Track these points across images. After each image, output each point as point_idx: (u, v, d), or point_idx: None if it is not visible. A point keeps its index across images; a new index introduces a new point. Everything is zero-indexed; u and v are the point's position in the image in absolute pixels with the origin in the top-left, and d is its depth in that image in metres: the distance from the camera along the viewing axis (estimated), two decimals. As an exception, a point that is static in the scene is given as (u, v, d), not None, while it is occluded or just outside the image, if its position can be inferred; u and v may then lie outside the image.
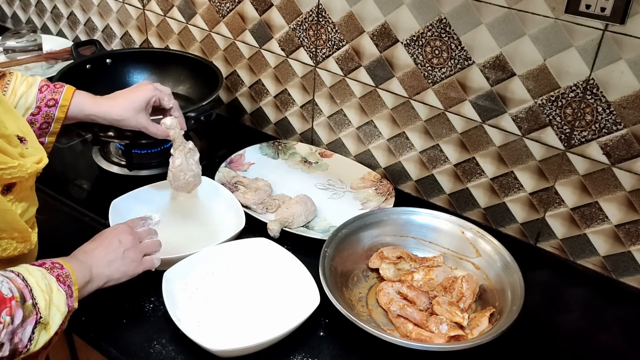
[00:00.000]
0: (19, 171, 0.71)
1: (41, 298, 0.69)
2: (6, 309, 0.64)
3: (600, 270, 1.08)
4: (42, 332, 0.69)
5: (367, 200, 1.22)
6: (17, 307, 0.65)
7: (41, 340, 0.69)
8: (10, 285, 0.66)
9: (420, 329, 0.91)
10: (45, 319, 0.70)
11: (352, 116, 1.28)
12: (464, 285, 0.97)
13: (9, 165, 0.70)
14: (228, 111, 1.53)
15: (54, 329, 0.70)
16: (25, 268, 0.72)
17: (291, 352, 0.89)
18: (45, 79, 0.98)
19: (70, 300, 0.74)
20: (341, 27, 1.20)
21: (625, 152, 0.96)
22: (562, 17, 0.93)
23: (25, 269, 0.71)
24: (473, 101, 1.09)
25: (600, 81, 0.94)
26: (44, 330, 0.69)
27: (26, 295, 0.67)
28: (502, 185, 1.13)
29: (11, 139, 0.72)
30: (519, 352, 0.92)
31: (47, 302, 0.70)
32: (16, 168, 0.71)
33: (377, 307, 0.98)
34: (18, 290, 0.67)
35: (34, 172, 0.74)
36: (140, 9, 1.58)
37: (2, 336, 0.63)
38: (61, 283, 0.74)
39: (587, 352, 0.93)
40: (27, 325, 0.67)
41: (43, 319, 0.69)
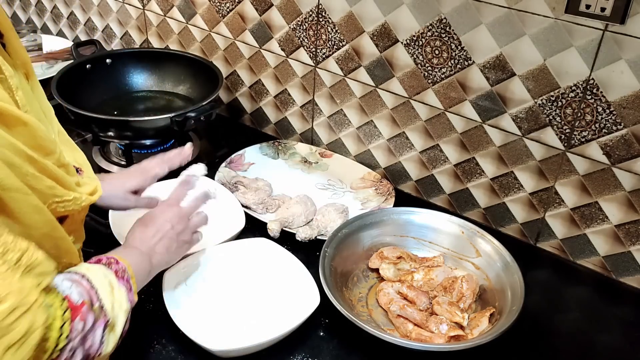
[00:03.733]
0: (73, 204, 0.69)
1: (107, 299, 0.67)
2: (79, 315, 0.62)
3: (600, 270, 1.08)
4: (111, 334, 0.67)
5: (367, 200, 1.22)
6: (88, 311, 0.64)
7: (111, 342, 0.67)
8: (79, 290, 0.64)
9: (420, 329, 0.91)
10: (112, 320, 0.68)
11: (352, 116, 1.28)
12: (464, 285, 0.97)
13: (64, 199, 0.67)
14: (228, 111, 1.53)
15: (119, 328, 0.69)
16: (87, 268, 0.70)
17: (291, 352, 0.89)
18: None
19: (130, 294, 0.73)
20: (341, 27, 1.20)
21: (625, 152, 0.96)
22: (562, 17, 0.93)
23: (87, 269, 0.69)
24: (473, 101, 1.09)
25: (600, 81, 0.94)
26: (112, 332, 0.68)
27: (93, 298, 0.66)
28: (502, 185, 1.13)
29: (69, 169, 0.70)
30: (519, 352, 0.92)
31: (112, 302, 0.68)
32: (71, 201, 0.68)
33: (377, 307, 0.98)
34: (87, 293, 0.65)
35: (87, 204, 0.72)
36: (140, 9, 1.58)
37: (76, 342, 0.61)
38: (120, 278, 0.72)
39: (587, 352, 0.93)
40: (97, 328, 0.65)
41: (111, 320, 0.67)
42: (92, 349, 0.64)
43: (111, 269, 0.72)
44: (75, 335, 0.61)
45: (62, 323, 0.59)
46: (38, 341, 0.56)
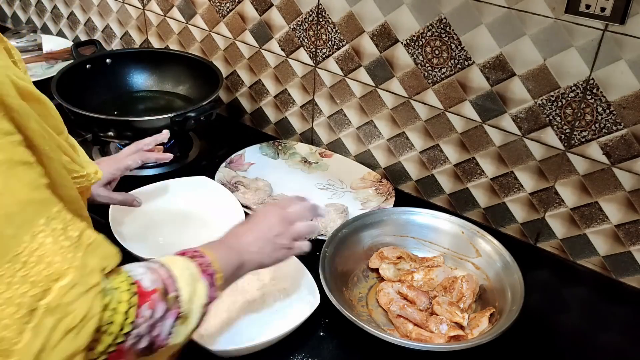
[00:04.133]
0: (85, 180, 0.67)
1: (185, 290, 0.64)
2: (147, 302, 0.59)
3: (600, 270, 1.08)
4: (182, 326, 0.64)
5: (367, 200, 1.22)
6: (159, 300, 0.61)
7: (181, 334, 0.64)
8: (153, 277, 0.62)
9: (420, 329, 0.91)
10: (186, 313, 0.65)
11: (352, 116, 1.28)
12: (464, 285, 0.97)
13: (80, 174, 0.66)
14: (228, 111, 1.53)
15: (194, 322, 0.66)
16: (168, 258, 0.68)
17: (291, 352, 0.89)
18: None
19: (212, 290, 0.69)
20: (341, 27, 1.20)
21: (625, 152, 0.96)
22: (562, 17, 0.93)
23: (168, 259, 0.67)
24: (473, 101, 1.09)
25: (600, 81, 0.94)
26: (184, 324, 0.65)
27: (169, 287, 0.62)
28: (502, 185, 1.13)
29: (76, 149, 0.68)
30: (519, 352, 0.92)
31: (190, 293, 0.65)
32: (84, 177, 0.67)
33: (377, 307, 0.98)
34: (162, 281, 0.62)
35: (95, 181, 0.71)
36: (140, 9, 1.58)
37: (143, 329, 0.58)
38: (203, 272, 0.69)
39: (587, 352, 0.93)
40: (168, 318, 0.62)
41: (183, 312, 0.64)
42: (158, 339, 0.61)
43: (195, 261, 0.69)
44: (142, 322, 0.58)
45: (128, 307, 0.57)
46: (97, 327, 0.53)
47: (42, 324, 0.49)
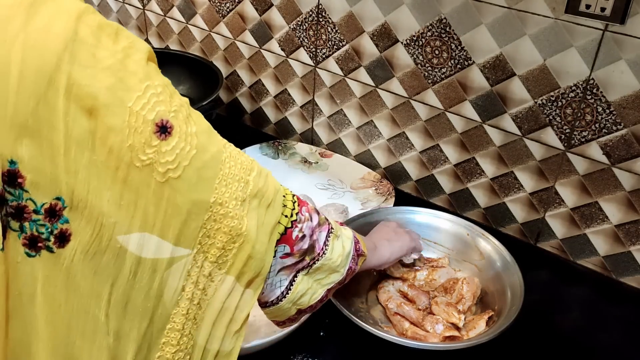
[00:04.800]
0: None
1: (330, 219, 0.73)
2: (305, 206, 0.68)
3: (600, 270, 1.08)
4: (335, 242, 0.71)
5: (367, 200, 1.22)
6: (313, 211, 0.69)
7: (336, 249, 0.71)
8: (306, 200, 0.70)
9: (415, 328, 0.91)
10: (337, 232, 0.72)
11: (352, 116, 1.28)
12: (464, 287, 0.96)
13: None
14: (228, 111, 1.53)
15: (347, 246, 0.73)
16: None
17: (291, 352, 0.89)
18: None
19: (355, 239, 0.76)
20: (341, 27, 1.20)
21: (625, 152, 0.96)
22: (562, 17, 0.93)
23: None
24: (473, 101, 1.09)
25: (600, 81, 0.94)
26: (336, 241, 0.71)
27: (317, 210, 0.71)
28: (502, 185, 1.13)
29: None
30: (518, 352, 0.92)
31: (336, 225, 0.73)
32: None
33: (376, 304, 0.98)
34: (311, 204, 0.71)
35: None
36: (140, 9, 1.58)
37: (305, 228, 0.66)
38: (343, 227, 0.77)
39: (587, 352, 0.93)
40: (323, 230, 0.69)
41: (334, 230, 0.72)
42: (317, 245, 0.68)
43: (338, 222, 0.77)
44: (304, 220, 0.66)
45: (292, 200, 0.66)
46: (282, 202, 0.64)
47: (251, 208, 0.60)
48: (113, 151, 0.51)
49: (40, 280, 0.52)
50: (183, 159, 0.55)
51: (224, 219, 0.58)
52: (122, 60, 0.52)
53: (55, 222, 0.51)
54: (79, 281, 0.53)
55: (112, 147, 0.51)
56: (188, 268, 0.58)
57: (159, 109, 0.53)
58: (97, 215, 0.52)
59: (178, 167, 0.54)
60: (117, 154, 0.51)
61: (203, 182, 0.56)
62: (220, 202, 0.57)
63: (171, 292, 0.57)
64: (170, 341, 0.59)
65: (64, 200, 0.51)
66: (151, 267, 0.56)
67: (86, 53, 0.50)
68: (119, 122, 0.51)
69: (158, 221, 0.55)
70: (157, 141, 0.53)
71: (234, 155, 0.61)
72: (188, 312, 0.59)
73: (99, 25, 0.51)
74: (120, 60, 0.52)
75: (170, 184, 0.54)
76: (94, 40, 0.50)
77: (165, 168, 0.54)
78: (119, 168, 0.52)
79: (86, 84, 0.49)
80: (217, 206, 0.57)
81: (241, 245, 0.60)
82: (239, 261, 0.60)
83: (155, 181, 0.53)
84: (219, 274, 0.60)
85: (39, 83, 0.48)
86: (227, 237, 0.59)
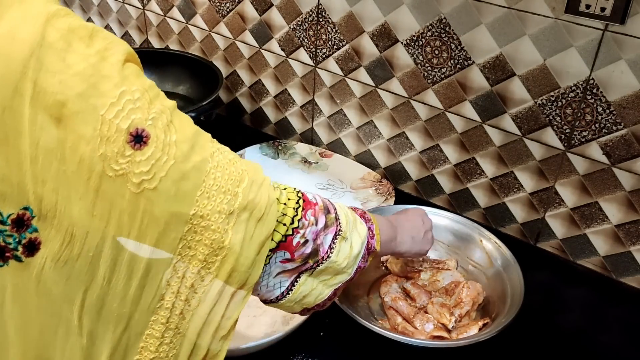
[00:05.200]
0: None
1: (343, 216, 0.70)
2: (311, 209, 0.65)
3: (600, 270, 1.08)
4: (343, 244, 0.69)
5: (367, 200, 1.22)
6: (321, 212, 0.66)
7: (342, 252, 0.69)
8: (315, 195, 0.68)
9: (406, 323, 0.91)
10: (345, 233, 0.69)
11: (352, 116, 1.28)
12: (464, 291, 0.96)
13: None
14: (228, 111, 1.53)
15: (356, 247, 0.71)
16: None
17: (291, 352, 0.89)
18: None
19: (370, 235, 0.74)
20: (341, 27, 1.20)
21: (625, 152, 0.96)
22: (562, 17, 0.93)
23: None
24: (473, 101, 1.09)
25: (600, 81, 0.94)
26: (344, 243, 0.69)
27: (329, 208, 0.68)
28: (502, 185, 1.13)
29: None
30: (518, 352, 0.92)
31: (348, 221, 0.70)
32: None
33: (376, 298, 0.99)
34: (322, 201, 0.68)
35: None
36: (140, 9, 1.58)
37: (308, 233, 0.64)
38: (363, 219, 0.74)
39: (587, 352, 0.93)
40: (328, 233, 0.67)
41: (343, 232, 0.69)
42: (322, 249, 0.66)
43: (357, 211, 0.75)
44: (307, 225, 0.64)
45: (296, 206, 0.64)
46: (277, 215, 0.61)
47: (240, 221, 0.58)
48: (84, 160, 0.50)
49: (9, 288, 0.52)
50: (159, 170, 0.52)
51: (205, 231, 0.56)
52: (96, 65, 0.50)
53: (23, 231, 0.50)
54: (50, 287, 0.53)
55: (82, 156, 0.49)
56: (167, 277, 0.56)
57: (134, 116, 0.51)
58: (67, 225, 0.51)
59: (154, 178, 0.52)
60: (88, 163, 0.50)
61: (182, 194, 0.54)
62: (202, 215, 0.55)
63: (148, 300, 0.56)
64: (149, 347, 0.58)
65: (32, 210, 0.50)
66: (126, 272, 0.54)
67: (54, 58, 0.48)
68: (90, 131, 0.49)
69: (134, 230, 0.53)
70: (130, 151, 0.51)
71: (222, 165, 0.58)
72: (168, 321, 0.58)
73: (69, 28, 0.50)
74: (93, 64, 0.50)
75: (145, 195, 0.52)
76: (64, 45, 0.49)
77: (139, 179, 0.52)
78: (90, 178, 0.50)
79: (54, 91, 0.48)
80: (197, 218, 0.55)
81: (224, 258, 0.58)
82: (223, 272, 0.59)
83: (129, 192, 0.52)
84: (202, 286, 0.58)
85: (4, 92, 0.46)
86: (208, 249, 0.57)
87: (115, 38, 0.54)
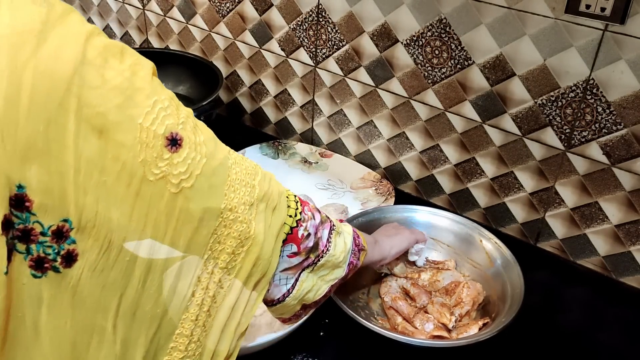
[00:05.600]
0: None
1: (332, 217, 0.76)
2: (307, 206, 0.70)
3: (600, 270, 1.08)
4: (338, 238, 0.74)
5: (367, 200, 1.22)
6: (315, 210, 0.72)
7: (338, 245, 0.74)
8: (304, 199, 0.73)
9: (406, 323, 0.91)
10: (338, 228, 0.75)
11: (352, 116, 1.28)
12: (464, 291, 0.96)
13: None
14: (228, 111, 1.53)
15: (348, 243, 0.76)
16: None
17: (291, 352, 0.89)
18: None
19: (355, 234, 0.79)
20: (341, 27, 1.20)
21: (625, 152, 0.96)
22: (562, 17, 0.93)
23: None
24: (473, 101, 1.09)
25: (600, 81, 0.94)
26: (338, 236, 0.74)
27: (318, 208, 0.73)
28: (502, 185, 1.13)
29: None
30: (518, 352, 0.92)
31: (337, 222, 0.76)
32: None
33: (376, 297, 0.98)
34: (312, 203, 0.73)
35: None
36: (140, 9, 1.58)
37: (309, 226, 0.69)
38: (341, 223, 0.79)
39: (587, 352, 0.93)
40: (325, 228, 0.72)
41: (336, 227, 0.74)
42: (321, 243, 0.71)
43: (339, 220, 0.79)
44: (307, 219, 0.69)
45: (295, 201, 0.68)
46: (286, 204, 0.67)
47: (259, 211, 0.63)
48: (126, 167, 0.52)
49: (45, 300, 0.53)
50: (195, 168, 0.56)
51: (234, 223, 0.60)
52: (129, 78, 0.53)
53: (62, 243, 0.52)
54: (85, 297, 0.54)
55: (124, 163, 0.52)
56: (198, 274, 0.59)
57: (167, 122, 0.55)
58: (106, 233, 0.53)
59: (190, 176, 0.56)
60: (130, 169, 0.52)
61: (213, 189, 0.58)
62: (230, 208, 0.60)
63: (180, 298, 0.59)
64: (179, 346, 0.60)
65: (72, 222, 0.51)
66: (160, 272, 0.57)
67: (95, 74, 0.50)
68: (130, 139, 0.52)
69: (170, 230, 0.56)
70: (168, 154, 0.54)
71: (239, 160, 0.62)
72: (197, 319, 0.60)
73: (105, 46, 0.52)
74: (127, 78, 0.53)
75: (183, 194, 0.56)
76: (102, 61, 0.51)
77: (178, 179, 0.55)
78: (131, 184, 0.53)
79: (96, 104, 0.50)
80: (227, 212, 0.59)
81: (249, 248, 0.62)
82: (248, 263, 0.62)
83: (168, 192, 0.55)
84: (228, 280, 0.62)
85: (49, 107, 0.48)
86: (236, 241, 0.61)
87: (139, 55, 0.57)
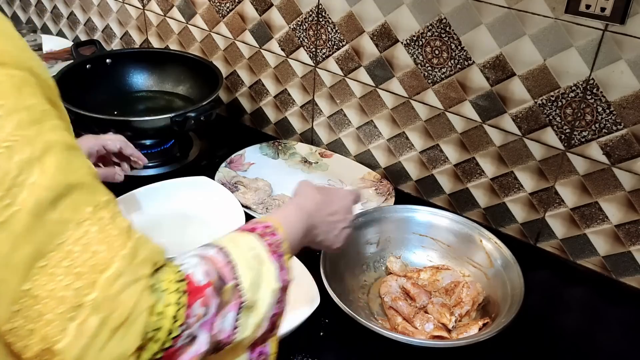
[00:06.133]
0: None
1: (246, 276, 0.58)
2: (200, 299, 0.52)
3: (600, 270, 1.08)
4: (248, 318, 0.59)
5: (367, 200, 1.22)
6: (213, 294, 0.54)
7: (249, 325, 0.59)
8: (207, 268, 0.55)
9: (406, 323, 0.92)
10: (250, 302, 0.59)
11: (352, 116, 1.28)
12: (464, 291, 0.96)
13: None
14: (228, 111, 1.53)
15: (263, 310, 0.60)
16: (232, 238, 0.62)
17: (291, 352, 0.89)
18: None
19: (282, 273, 0.63)
20: (341, 27, 1.20)
21: (625, 152, 0.96)
22: (562, 17, 0.93)
23: (232, 240, 0.62)
24: (473, 101, 1.09)
25: (600, 81, 0.94)
26: (250, 315, 0.59)
27: (226, 277, 0.56)
28: (502, 185, 1.13)
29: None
30: (518, 352, 0.92)
31: (253, 279, 0.59)
32: None
33: (376, 297, 0.99)
34: (217, 271, 0.56)
35: None
36: (140, 9, 1.58)
37: (195, 328, 0.52)
38: (272, 253, 0.63)
39: (587, 352, 0.93)
40: (228, 312, 0.56)
41: (247, 302, 0.58)
42: (221, 335, 0.56)
43: (265, 241, 0.64)
44: (194, 322, 0.52)
45: (176, 309, 0.50)
46: (145, 328, 0.47)
47: (87, 321, 0.44)
48: None
49: None
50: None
51: (38, 320, 0.44)
52: None
53: None
54: None
55: None
56: None
57: None
58: None
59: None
60: None
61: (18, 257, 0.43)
62: (36, 295, 0.43)
63: None
64: None
65: None
66: None
67: None
68: None
69: None
70: None
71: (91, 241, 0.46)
72: None
73: None
74: None
75: None
76: None
77: None
78: None
79: None
80: (30, 299, 0.44)
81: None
82: None
83: None
84: None
85: None
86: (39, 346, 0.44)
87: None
